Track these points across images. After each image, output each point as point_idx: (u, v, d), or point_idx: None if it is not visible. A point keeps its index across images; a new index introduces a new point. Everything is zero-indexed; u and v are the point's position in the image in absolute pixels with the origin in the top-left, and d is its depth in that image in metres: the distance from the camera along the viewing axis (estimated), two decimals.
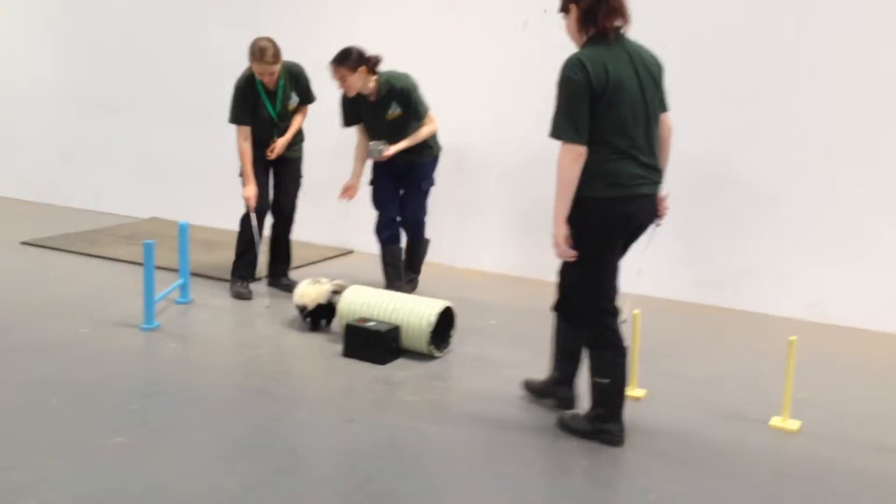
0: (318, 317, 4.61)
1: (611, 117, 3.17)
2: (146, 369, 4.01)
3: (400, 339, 4.26)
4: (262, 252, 5.26)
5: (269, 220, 5.31)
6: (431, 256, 6.24)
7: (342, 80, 4.91)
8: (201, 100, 6.54)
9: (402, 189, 5.27)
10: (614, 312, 3.36)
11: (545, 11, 5.66)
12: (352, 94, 4.96)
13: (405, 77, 5.05)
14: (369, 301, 4.37)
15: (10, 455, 3.06)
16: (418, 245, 5.43)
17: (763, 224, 5.33)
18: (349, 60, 4.86)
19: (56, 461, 3.04)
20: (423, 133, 5.10)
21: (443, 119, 6.13)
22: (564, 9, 3.29)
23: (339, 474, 3.08)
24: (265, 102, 5.02)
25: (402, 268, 5.29)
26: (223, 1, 6.71)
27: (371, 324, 4.24)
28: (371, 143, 5.05)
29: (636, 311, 3.96)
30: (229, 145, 6.85)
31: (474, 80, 6.00)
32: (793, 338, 3.60)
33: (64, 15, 7.39)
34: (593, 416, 3.44)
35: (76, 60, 7.35)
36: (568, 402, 3.71)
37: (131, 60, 6.93)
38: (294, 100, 5.19)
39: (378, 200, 5.25)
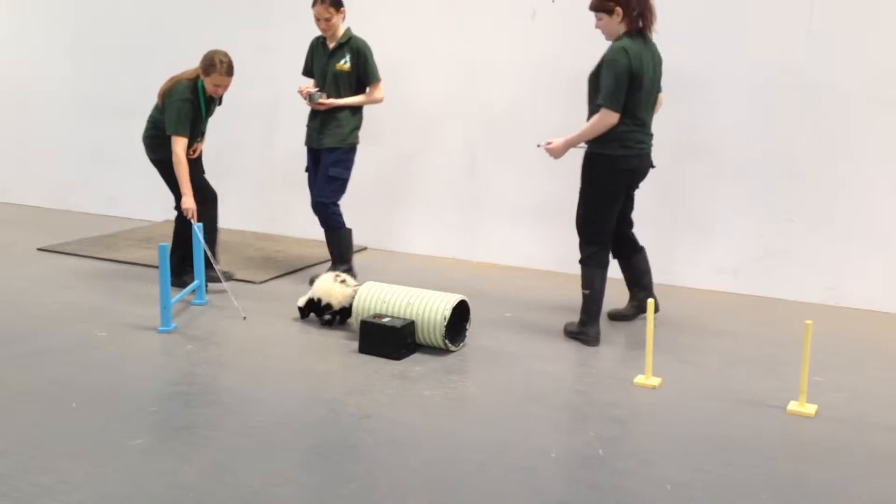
0: (344, 317, 4.65)
1: (636, 97, 4.19)
2: (164, 371, 4.05)
3: (415, 334, 4.28)
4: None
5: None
6: (445, 250, 6.26)
7: (328, 20, 5.12)
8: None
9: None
10: (608, 244, 4.43)
11: (553, 2, 5.66)
12: (329, 33, 5.18)
13: (364, 41, 5.24)
14: (384, 297, 4.39)
15: (33, 458, 3.10)
16: (330, 234, 5.36)
17: (778, 209, 5.31)
18: (335, 0, 5.11)
19: (79, 464, 3.07)
20: (363, 98, 5.26)
21: (451, 111, 6.15)
22: (607, 10, 4.17)
23: (358, 471, 3.10)
24: (202, 111, 5.14)
25: (343, 251, 5.37)
26: (241, 6, 6.73)
27: (386, 319, 4.26)
28: (312, 90, 5.20)
29: (649, 300, 3.96)
30: (241, 147, 6.88)
31: (483, 71, 6.00)
32: (809, 322, 3.59)
33: (79, 19, 7.44)
34: (578, 321, 4.44)
35: (90, 65, 7.39)
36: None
37: (145, 65, 6.96)
38: (216, 106, 5.32)
39: (311, 192, 5.41)
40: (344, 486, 2.98)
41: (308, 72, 5.43)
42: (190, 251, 5.07)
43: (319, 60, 5.30)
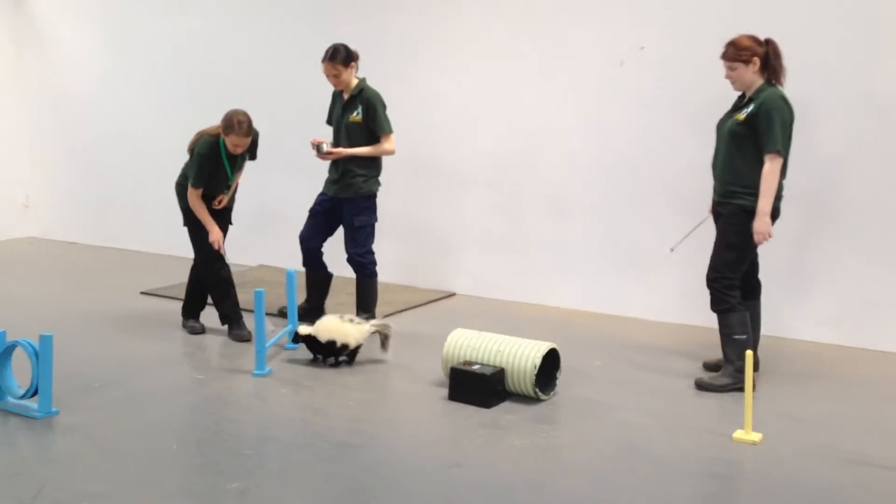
0: (353, 355, 4.77)
1: (787, 145, 4.25)
2: (259, 414, 4.13)
3: (505, 382, 4.25)
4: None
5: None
6: (529, 297, 6.23)
7: (337, 77, 5.22)
8: (307, 149, 6.76)
9: (335, 225, 5.51)
10: (739, 287, 4.41)
11: (642, 48, 5.65)
12: (341, 87, 5.30)
13: (377, 92, 5.32)
14: (473, 344, 4.39)
15: (136, 500, 3.19)
16: (363, 282, 5.45)
17: (882, 257, 5.10)
18: (343, 56, 5.20)
19: None
20: (373, 149, 5.31)
21: (539, 158, 6.16)
22: (743, 59, 4.25)
23: None
24: (226, 167, 5.27)
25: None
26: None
27: (476, 367, 4.25)
28: (320, 141, 5.32)
29: (748, 352, 3.84)
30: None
31: (572, 118, 6.01)
32: None
33: (175, 69, 7.79)
34: (733, 370, 4.32)
35: (186, 113, 7.73)
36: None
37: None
38: (245, 160, 5.46)
39: (303, 230, 5.53)
40: None
41: (331, 121, 5.57)
42: (199, 298, 5.47)
43: (336, 111, 5.44)
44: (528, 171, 6.22)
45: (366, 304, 5.48)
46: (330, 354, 4.78)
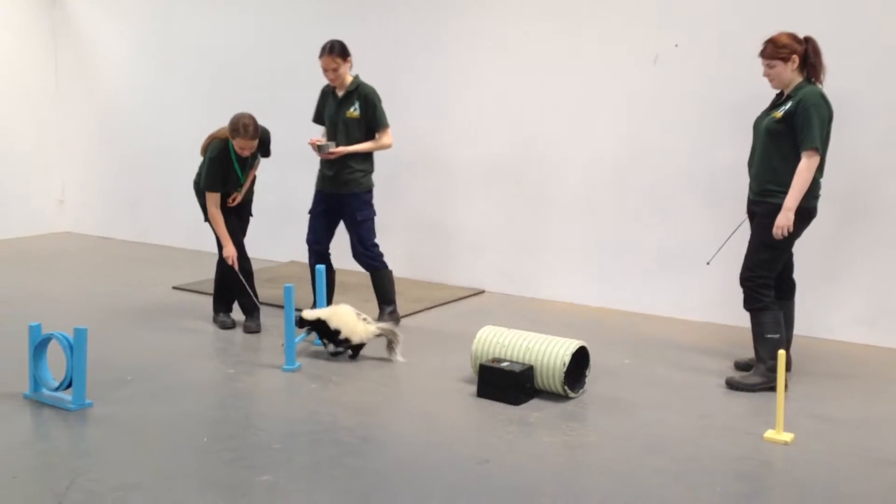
0: (357, 352, 4.86)
1: (826, 142, 4.20)
2: (289, 409, 4.16)
3: (534, 380, 4.24)
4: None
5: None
6: (559, 295, 6.22)
7: (335, 70, 5.23)
8: None
9: (337, 222, 5.54)
10: (773, 286, 4.36)
11: (676, 46, 5.61)
12: (337, 83, 5.29)
13: (373, 88, 5.33)
14: (502, 341, 4.38)
15: (167, 491, 3.23)
16: (375, 276, 5.49)
17: None
18: (342, 50, 5.21)
19: (209, 498, 3.18)
20: (372, 144, 5.34)
21: (570, 155, 6.14)
22: (782, 57, 4.21)
23: None
24: (236, 169, 5.33)
25: (388, 292, 5.49)
26: (365, 64, 6.97)
27: (505, 364, 4.25)
28: (321, 142, 5.32)
29: (781, 351, 3.80)
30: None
31: (602, 116, 5.98)
32: None
33: (207, 67, 7.87)
34: (765, 369, 4.28)
35: (218, 110, 7.77)
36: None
37: (271, 115, 7.28)
38: (257, 159, 5.51)
39: (309, 234, 5.56)
40: None
41: (319, 119, 5.56)
42: (226, 292, 5.54)
43: (329, 108, 5.42)
44: (559, 168, 6.19)
45: (385, 296, 5.51)
46: (332, 341, 4.83)
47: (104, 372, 4.49)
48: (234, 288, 5.48)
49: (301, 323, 4.86)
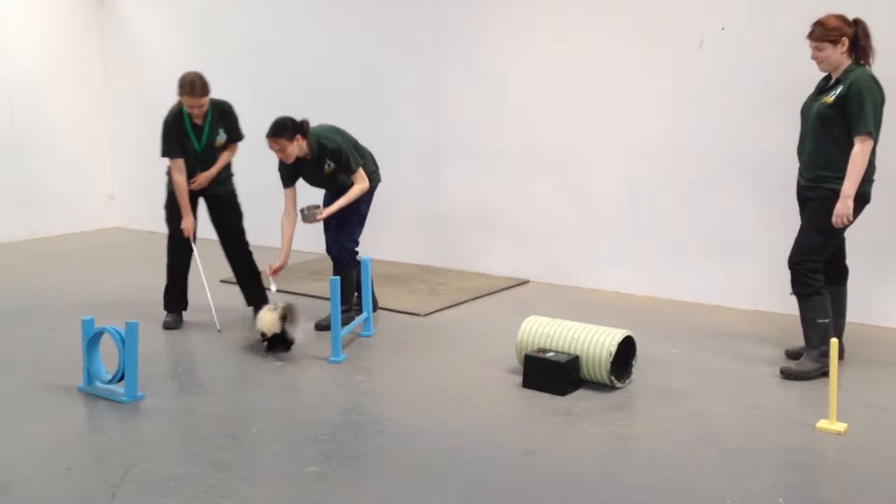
0: (275, 343, 4.77)
1: (879, 126, 4.11)
2: (335, 400, 4.19)
3: (580, 370, 4.22)
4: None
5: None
6: (604, 284, 6.17)
7: (281, 151, 5.04)
8: (383, 136, 6.82)
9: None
10: (822, 270, 4.27)
11: (723, 29, 5.51)
12: (290, 161, 5.09)
13: (332, 136, 5.16)
14: (547, 331, 4.36)
15: (220, 481, 3.28)
16: (342, 274, 5.21)
17: None
18: (287, 132, 4.99)
19: (258, 489, 3.23)
20: (353, 192, 5.17)
21: (613, 143, 6.07)
22: (832, 40, 4.11)
23: None
24: (191, 137, 5.20)
25: (349, 292, 5.30)
26: (408, 53, 6.98)
27: (550, 354, 4.23)
28: (304, 208, 5.14)
29: (833, 339, 3.72)
30: (403, 182, 7.05)
31: (646, 102, 5.90)
32: None
33: (252, 60, 7.95)
34: (818, 354, 4.22)
35: (263, 104, 7.86)
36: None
37: (320, 106, 7.34)
38: (221, 136, 5.32)
39: (327, 242, 5.44)
40: None
41: (291, 183, 5.24)
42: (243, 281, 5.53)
43: (306, 171, 5.24)
44: (603, 155, 6.13)
45: (345, 296, 5.29)
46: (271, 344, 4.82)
47: (155, 365, 4.57)
48: (243, 280, 5.56)
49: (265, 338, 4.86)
